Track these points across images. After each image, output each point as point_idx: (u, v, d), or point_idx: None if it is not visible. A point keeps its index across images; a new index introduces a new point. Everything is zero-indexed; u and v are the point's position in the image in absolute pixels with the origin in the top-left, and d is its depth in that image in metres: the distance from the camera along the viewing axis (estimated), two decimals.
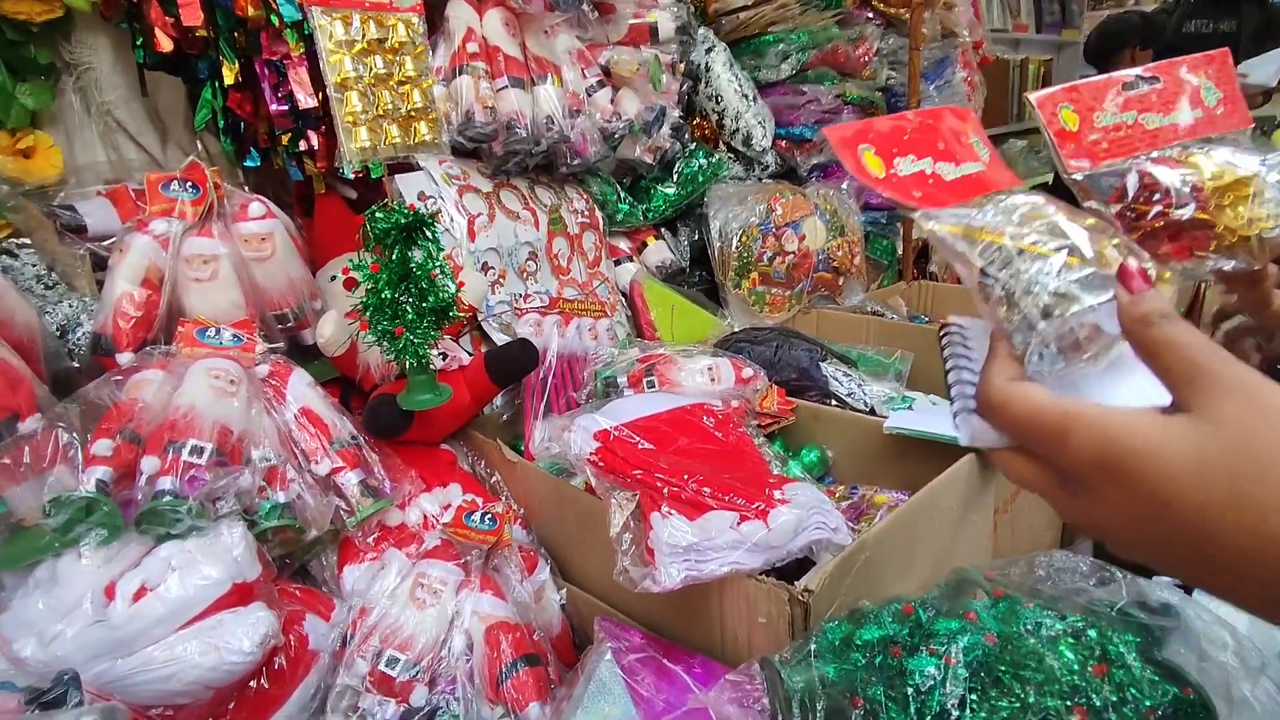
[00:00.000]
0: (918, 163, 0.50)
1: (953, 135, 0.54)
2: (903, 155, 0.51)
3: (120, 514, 0.73)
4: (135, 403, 0.80)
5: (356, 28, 0.81)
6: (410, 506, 0.99)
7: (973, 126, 0.56)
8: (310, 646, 0.82)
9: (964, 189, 0.51)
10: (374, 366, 1.05)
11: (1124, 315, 0.39)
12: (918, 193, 0.48)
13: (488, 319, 1.21)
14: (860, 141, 0.50)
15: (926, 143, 0.51)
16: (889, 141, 0.51)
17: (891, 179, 0.49)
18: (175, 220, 0.91)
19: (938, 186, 0.50)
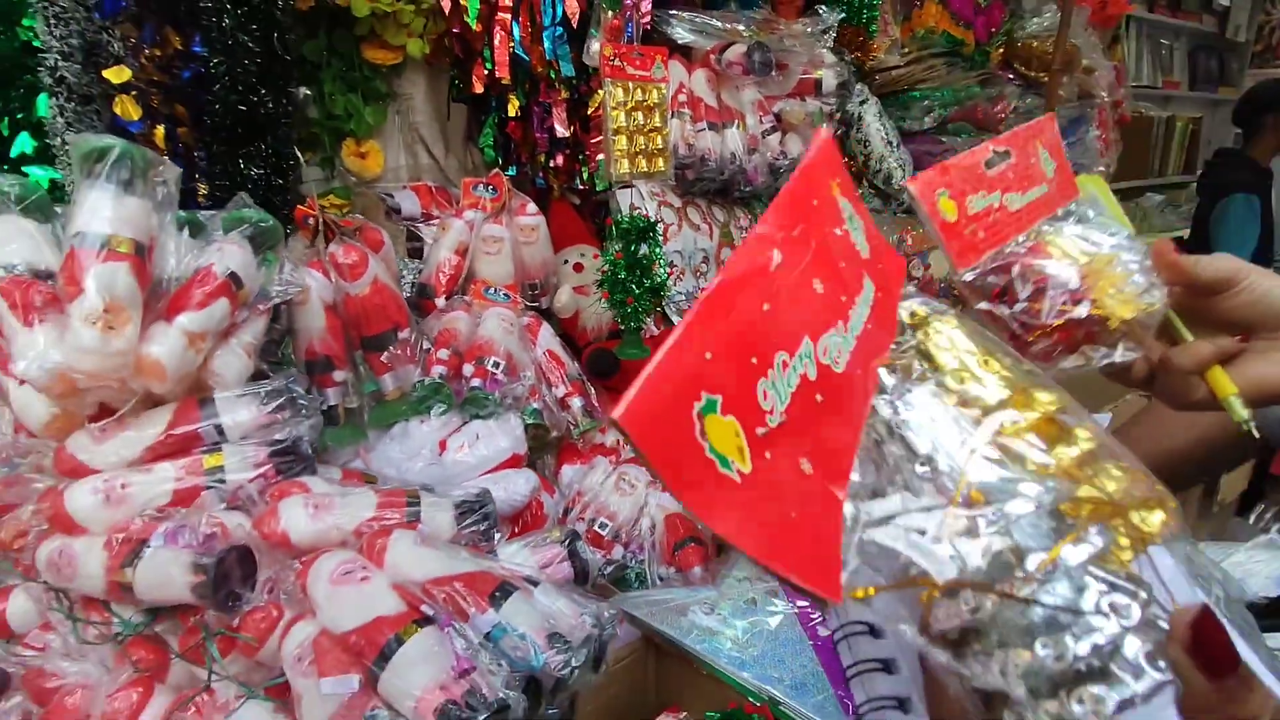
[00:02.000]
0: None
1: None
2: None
3: (453, 396, 1.12)
4: (452, 332, 1.21)
5: (630, 92, 1.19)
6: (609, 432, 1.35)
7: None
8: (545, 511, 1.19)
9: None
10: (590, 328, 1.43)
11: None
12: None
13: (669, 304, 1.56)
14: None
15: (797, 300, 0.37)
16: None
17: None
18: (479, 212, 1.32)
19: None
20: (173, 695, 0.74)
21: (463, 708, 0.60)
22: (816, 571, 0.30)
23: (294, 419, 0.86)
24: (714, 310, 0.30)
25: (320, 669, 0.64)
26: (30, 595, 0.81)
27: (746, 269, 0.32)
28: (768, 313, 0.31)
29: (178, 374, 0.80)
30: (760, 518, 0.28)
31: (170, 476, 0.80)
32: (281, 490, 0.81)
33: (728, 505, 0.27)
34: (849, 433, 0.34)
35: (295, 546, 0.77)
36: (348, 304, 1.10)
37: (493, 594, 0.70)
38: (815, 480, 0.31)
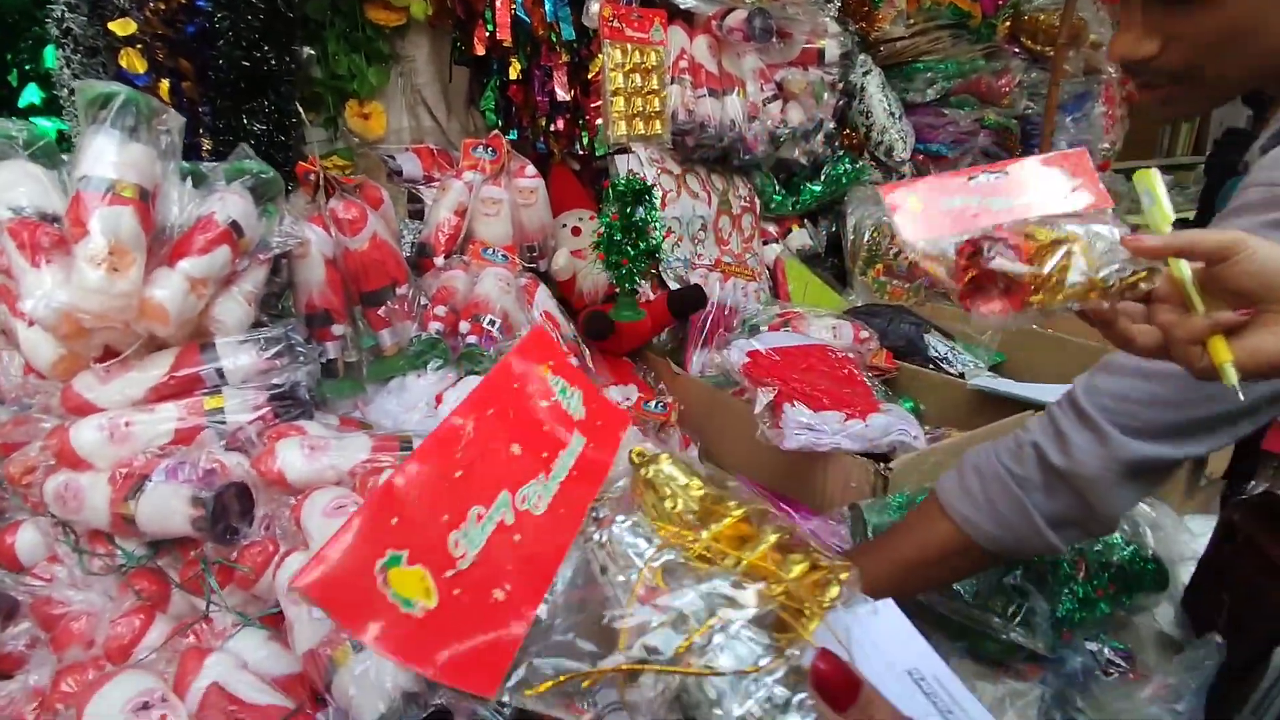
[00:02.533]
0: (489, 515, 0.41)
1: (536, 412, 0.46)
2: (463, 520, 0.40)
3: (450, 352, 1.15)
4: (450, 289, 1.23)
5: (629, 53, 1.20)
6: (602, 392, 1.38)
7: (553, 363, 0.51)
8: None
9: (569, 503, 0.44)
10: (587, 292, 1.45)
11: None
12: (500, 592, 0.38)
13: (666, 270, 1.58)
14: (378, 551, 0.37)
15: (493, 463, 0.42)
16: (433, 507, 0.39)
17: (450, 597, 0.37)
18: (478, 173, 1.33)
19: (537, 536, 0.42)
20: (173, 624, 0.77)
21: None
22: (476, 680, 0.35)
23: (292, 365, 0.89)
24: (403, 486, 0.36)
25: None
26: (38, 529, 0.84)
27: (435, 449, 0.38)
28: (460, 478, 0.37)
29: (180, 318, 0.83)
30: (440, 642, 0.34)
31: (172, 416, 0.82)
32: (279, 432, 0.84)
33: (407, 638, 0.33)
34: (548, 560, 0.39)
35: (291, 485, 0.80)
36: (347, 259, 1.12)
37: None
38: (507, 604, 0.36)
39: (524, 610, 0.36)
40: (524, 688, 0.36)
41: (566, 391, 0.45)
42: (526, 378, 0.46)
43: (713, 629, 0.36)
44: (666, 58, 1.26)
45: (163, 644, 0.72)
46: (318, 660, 0.64)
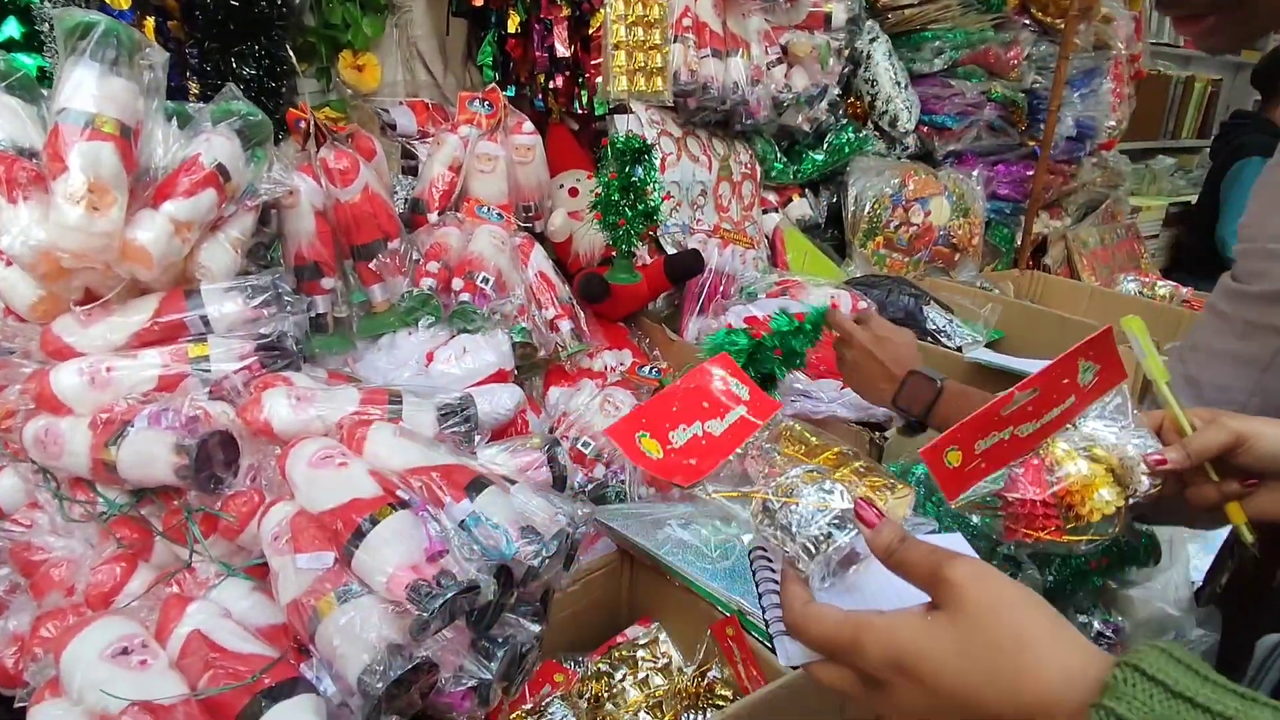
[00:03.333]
0: (688, 429, 0.62)
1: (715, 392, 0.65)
2: (675, 427, 0.62)
3: (441, 309, 1.13)
4: (443, 246, 1.20)
5: (631, 4, 1.16)
6: (596, 357, 1.36)
7: (731, 370, 0.69)
8: (530, 430, 1.21)
9: (733, 436, 0.63)
10: (583, 254, 1.43)
11: (871, 546, 0.48)
12: (693, 460, 0.60)
13: (664, 234, 1.56)
14: (635, 430, 0.61)
15: (693, 407, 0.63)
16: (661, 420, 0.61)
17: (669, 455, 0.60)
18: (474, 128, 1.30)
19: (712, 443, 0.62)
20: (155, 573, 0.76)
21: (433, 586, 0.61)
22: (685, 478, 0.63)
23: (279, 315, 0.87)
24: (648, 409, 0.67)
25: (296, 546, 0.65)
26: (18, 474, 0.83)
27: (659, 397, 0.69)
28: (675, 411, 0.66)
29: (164, 262, 0.80)
30: (658, 466, 0.62)
31: (155, 363, 0.80)
32: (265, 382, 0.82)
33: (645, 462, 0.62)
34: (722, 455, 0.65)
35: (278, 435, 0.78)
36: (338, 211, 1.09)
37: (468, 485, 0.71)
38: (694, 466, 0.63)
39: (702, 469, 0.62)
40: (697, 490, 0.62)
41: (738, 385, 0.70)
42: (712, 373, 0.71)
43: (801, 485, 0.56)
44: (670, 13, 1.22)
45: (145, 592, 0.70)
46: (301, 611, 0.63)
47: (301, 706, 0.58)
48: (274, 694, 0.58)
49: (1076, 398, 0.65)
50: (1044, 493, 0.63)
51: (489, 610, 0.68)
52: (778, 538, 0.54)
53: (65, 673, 0.57)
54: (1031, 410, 0.63)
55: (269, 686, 0.58)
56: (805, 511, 0.53)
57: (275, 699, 0.58)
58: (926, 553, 0.46)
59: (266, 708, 0.57)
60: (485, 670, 0.68)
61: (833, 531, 0.52)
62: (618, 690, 0.92)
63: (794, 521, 0.53)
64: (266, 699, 0.57)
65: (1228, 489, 0.62)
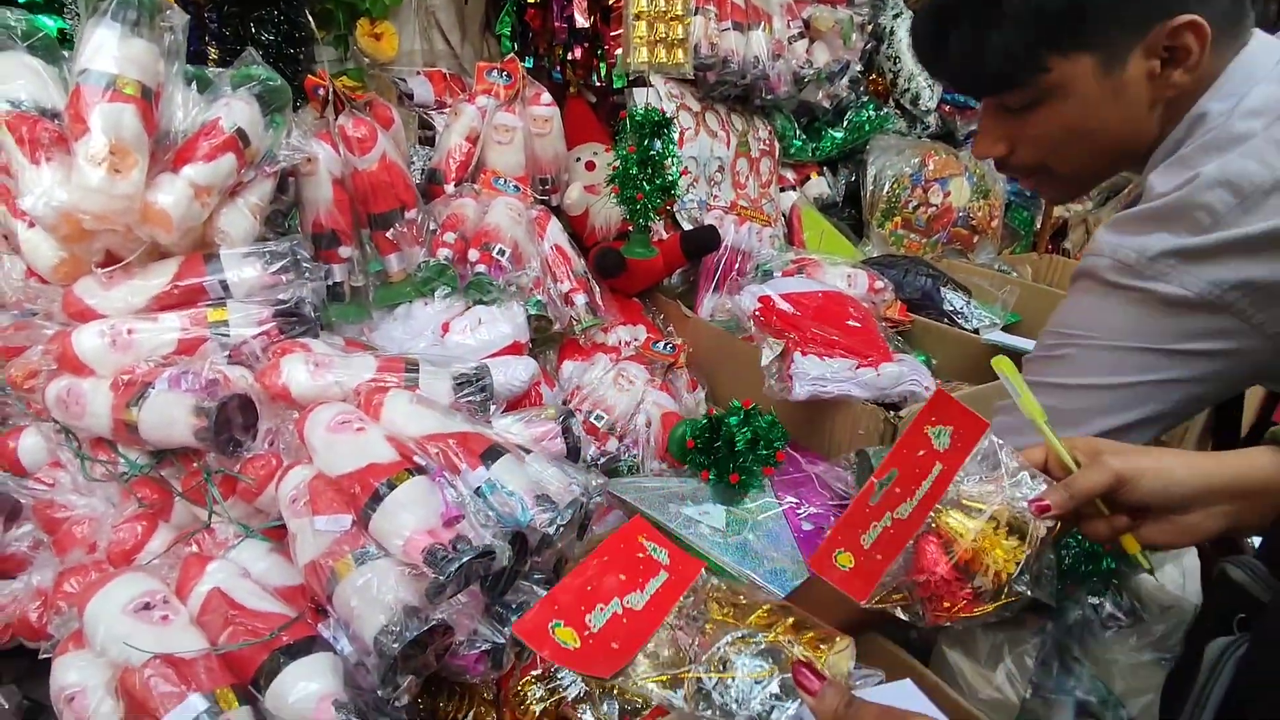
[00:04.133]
0: (606, 609, 0.57)
1: (632, 559, 0.61)
2: (591, 609, 0.56)
3: (458, 279, 1.13)
4: (460, 217, 1.20)
5: None
6: (611, 332, 1.36)
7: (646, 534, 0.65)
8: (544, 402, 1.21)
9: (656, 608, 0.59)
10: (599, 228, 1.42)
11: (816, 715, 0.47)
12: (615, 643, 0.56)
13: (680, 210, 1.55)
14: (547, 620, 0.55)
15: (610, 582, 0.59)
16: (575, 603, 0.57)
17: (587, 642, 0.54)
18: (492, 98, 1.29)
19: (634, 620, 0.57)
20: (175, 533, 0.77)
21: (449, 550, 0.62)
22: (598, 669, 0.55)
23: (298, 281, 0.87)
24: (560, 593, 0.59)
25: (314, 508, 0.66)
26: (41, 434, 0.84)
27: (577, 576, 0.61)
28: (589, 591, 0.59)
29: (184, 225, 0.81)
30: (575, 658, 0.55)
31: (175, 326, 0.81)
32: (284, 348, 0.83)
33: (561, 656, 0.55)
34: (646, 632, 0.59)
35: (295, 400, 0.78)
36: (355, 179, 1.09)
37: (484, 453, 0.72)
38: (616, 650, 0.57)
39: (626, 651, 0.57)
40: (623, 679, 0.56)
41: (656, 550, 0.66)
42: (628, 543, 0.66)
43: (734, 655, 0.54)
44: None
45: (165, 551, 0.71)
46: (319, 571, 0.63)
47: (319, 664, 0.59)
48: (292, 651, 0.59)
49: (943, 464, 0.65)
50: (946, 565, 0.62)
51: (503, 576, 0.69)
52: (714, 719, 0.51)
53: (89, 626, 0.59)
54: (899, 492, 0.64)
55: (287, 644, 0.59)
56: (743, 685, 0.51)
57: (293, 656, 0.59)
58: (876, 715, 0.46)
59: (285, 664, 0.58)
60: (499, 634, 0.69)
61: (774, 705, 0.50)
62: None
63: (731, 698, 0.50)
64: (285, 656, 0.58)
65: (1118, 524, 0.62)
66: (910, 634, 0.88)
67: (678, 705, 0.53)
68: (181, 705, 0.53)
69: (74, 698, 0.57)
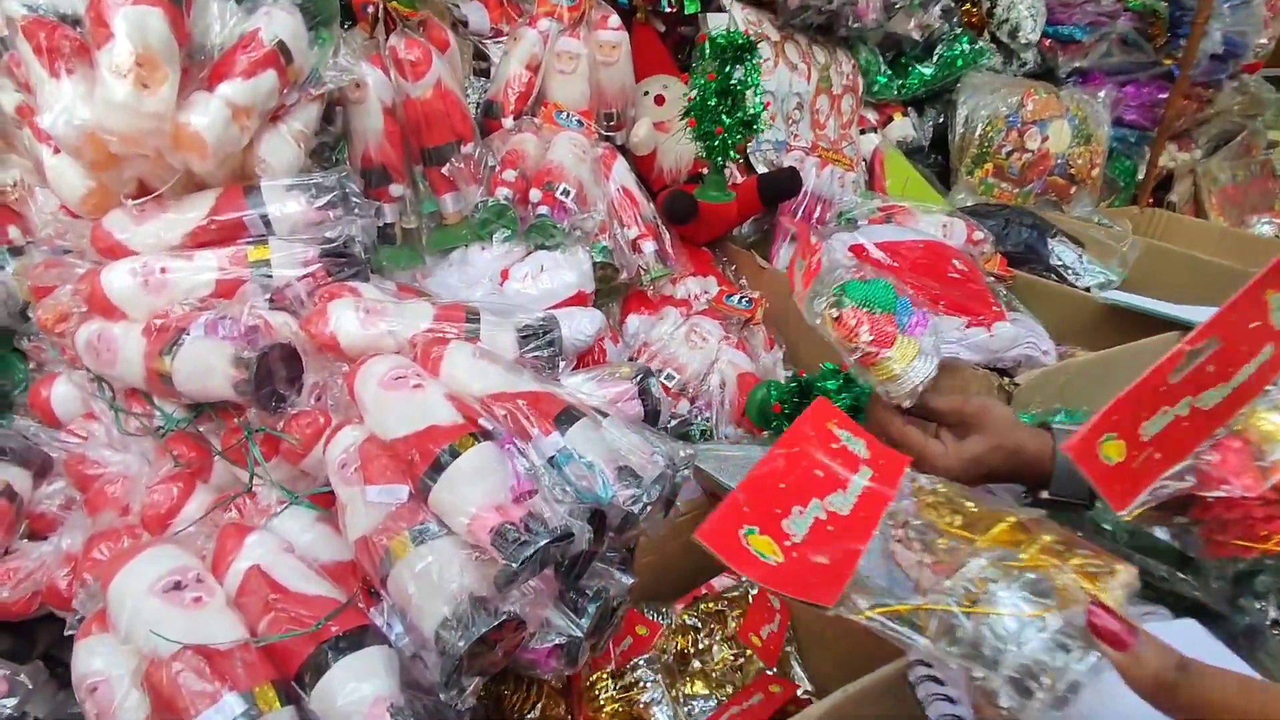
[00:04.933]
0: (806, 513, 0.47)
1: (826, 450, 0.49)
2: (788, 513, 0.47)
3: (518, 222, 1.02)
4: (520, 153, 1.09)
5: None
6: (680, 283, 1.24)
7: (836, 421, 0.53)
8: (608, 359, 1.11)
9: (864, 514, 0.48)
10: (668, 169, 1.30)
11: (1127, 677, 0.36)
12: (822, 557, 0.45)
13: (755, 152, 1.41)
14: (737, 526, 0.45)
15: (804, 481, 0.48)
16: (767, 504, 0.46)
17: (790, 556, 0.44)
18: (554, 21, 1.16)
19: (841, 529, 0.46)
20: (214, 495, 0.69)
21: (521, 530, 0.53)
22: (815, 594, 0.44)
23: (346, 218, 0.77)
24: (748, 491, 0.50)
25: (366, 476, 0.57)
26: (73, 382, 0.77)
27: (761, 472, 0.52)
28: (784, 489, 0.51)
29: (220, 151, 0.72)
30: (782, 577, 0.45)
31: (212, 266, 0.72)
32: (331, 292, 0.74)
33: (766, 575, 0.45)
34: (855, 542, 0.48)
35: (344, 351, 0.70)
36: (408, 108, 0.99)
37: (558, 417, 0.62)
38: (828, 566, 0.46)
39: (840, 571, 0.46)
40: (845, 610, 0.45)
41: (851, 440, 0.56)
42: (817, 429, 0.56)
43: (992, 584, 0.42)
44: None
45: (202, 516, 0.64)
46: (372, 550, 0.55)
47: (371, 662, 0.51)
48: (340, 645, 0.51)
49: (1276, 346, 0.49)
50: (1258, 485, 0.49)
51: (580, 560, 0.60)
52: (968, 666, 0.39)
53: (113, 606, 0.51)
54: (1213, 372, 0.48)
55: (335, 636, 0.51)
56: (1008, 627, 0.39)
57: (342, 651, 0.50)
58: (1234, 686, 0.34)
59: (333, 660, 0.50)
60: (574, 626, 0.60)
61: (1058, 656, 0.38)
62: (704, 648, 0.84)
63: (994, 643, 0.39)
64: (333, 650, 0.50)
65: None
66: None
67: (921, 646, 0.41)
68: (215, 707, 0.45)
69: (97, 688, 0.50)
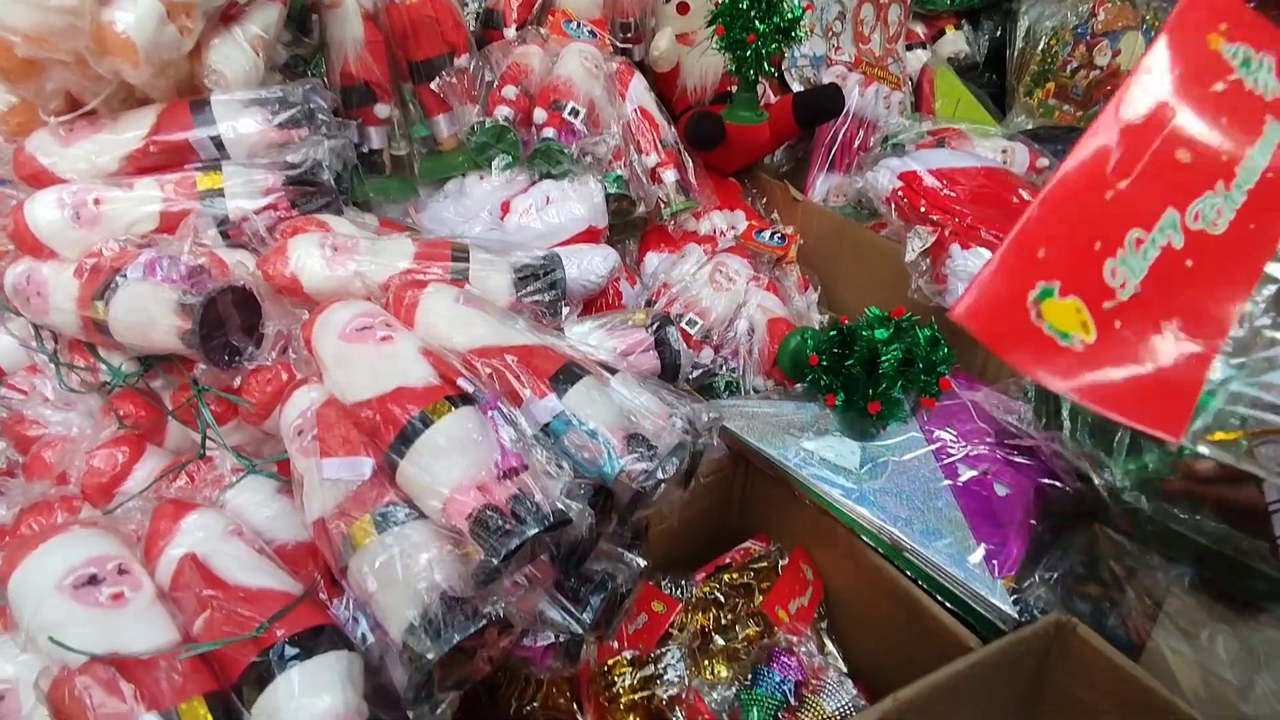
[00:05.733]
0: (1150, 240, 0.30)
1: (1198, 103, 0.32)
2: (1117, 247, 0.30)
3: (519, 146, 0.90)
4: (524, 68, 0.96)
5: None
6: (704, 218, 1.12)
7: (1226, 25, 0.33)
8: (624, 302, 1.00)
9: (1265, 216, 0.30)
10: (692, 88, 1.15)
11: None
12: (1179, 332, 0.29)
13: (790, 68, 1.26)
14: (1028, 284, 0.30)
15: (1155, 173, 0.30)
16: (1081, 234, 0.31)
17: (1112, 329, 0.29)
18: None
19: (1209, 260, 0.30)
20: (170, 460, 0.61)
21: (506, 516, 0.43)
22: (1160, 416, 0.29)
23: (313, 138, 0.66)
24: (1044, 215, 0.32)
25: (324, 446, 0.48)
26: (10, 332, 0.68)
27: (1077, 174, 0.33)
28: (1111, 200, 0.32)
29: (155, 56, 0.60)
30: (1105, 376, 0.30)
31: (155, 196, 0.62)
32: (295, 226, 0.63)
33: (1069, 370, 0.30)
34: (1232, 290, 0.32)
35: (309, 295, 0.59)
36: (392, 14, 0.86)
37: (556, 375, 0.52)
38: (1181, 339, 0.31)
39: (1204, 346, 0.30)
40: (1206, 433, 0.31)
41: (1251, 63, 0.32)
42: (1192, 56, 0.33)
43: None
44: None
45: (144, 489, 0.55)
46: (330, 536, 0.46)
47: (326, 671, 0.42)
48: (289, 652, 0.42)
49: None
50: None
51: (580, 545, 0.50)
52: None
53: (14, 604, 0.43)
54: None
55: (283, 640, 0.42)
56: None
57: (292, 659, 0.41)
58: None
59: (280, 670, 0.41)
60: (574, 621, 0.51)
61: None
62: (727, 624, 0.76)
63: None
64: (280, 659, 0.41)
65: None
66: (1108, 621, 0.67)
67: None
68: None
69: (3, 696, 0.42)
